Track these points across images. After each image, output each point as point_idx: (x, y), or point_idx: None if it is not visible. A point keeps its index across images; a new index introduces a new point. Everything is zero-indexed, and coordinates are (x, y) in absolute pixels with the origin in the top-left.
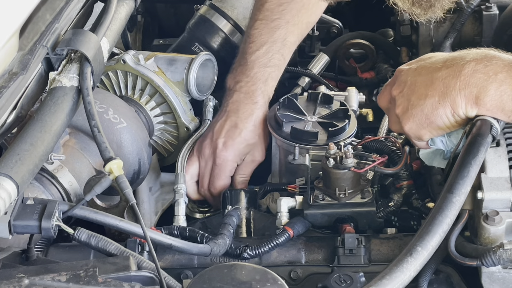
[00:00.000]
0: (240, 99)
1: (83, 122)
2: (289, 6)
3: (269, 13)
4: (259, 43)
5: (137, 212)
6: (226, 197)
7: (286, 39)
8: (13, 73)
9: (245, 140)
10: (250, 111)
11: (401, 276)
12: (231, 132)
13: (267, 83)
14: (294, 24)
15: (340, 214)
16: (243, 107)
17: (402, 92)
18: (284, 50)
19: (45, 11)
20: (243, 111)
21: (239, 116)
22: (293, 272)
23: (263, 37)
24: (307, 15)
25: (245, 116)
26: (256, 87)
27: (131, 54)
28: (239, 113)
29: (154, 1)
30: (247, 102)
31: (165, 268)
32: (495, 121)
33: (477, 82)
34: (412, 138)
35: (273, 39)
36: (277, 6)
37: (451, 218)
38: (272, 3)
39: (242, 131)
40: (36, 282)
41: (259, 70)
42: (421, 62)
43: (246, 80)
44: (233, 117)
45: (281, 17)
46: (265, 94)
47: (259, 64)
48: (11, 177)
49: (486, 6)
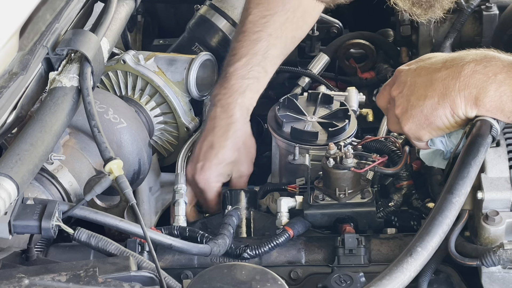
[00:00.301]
0: (217, 114)
1: (83, 122)
2: (272, 18)
3: (252, 25)
4: (240, 55)
5: (137, 212)
6: (226, 197)
7: (267, 52)
8: (13, 73)
9: (223, 160)
10: (226, 127)
11: (401, 276)
12: (208, 154)
13: (244, 94)
14: (276, 37)
15: (340, 214)
16: (219, 124)
17: (402, 93)
18: (265, 63)
19: (45, 11)
20: (218, 128)
21: (215, 135)
22: (293, 272)
23: (243, 49)
24: (291, 29)
25: (220, 133)
26: (233, 99)
27: (131, 54)
28: (215, 131)
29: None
30: (223, 117)
31: (165, 268)
32: (495, 121)
33: (477, 83)
34: (411, 138)
35: (254, 52)
36: (260, 18)
37: (451, 218)
38: (255, 15)
39: (218, 151)
40: (36, 282)
41: (237, 82)
42: (420, 63)
43: (223, 93)
44: (210, 137)
45: (263, 30)
46: (242, 106)
47: (237, 76)
48: (11, 177)
49: (486, 6)
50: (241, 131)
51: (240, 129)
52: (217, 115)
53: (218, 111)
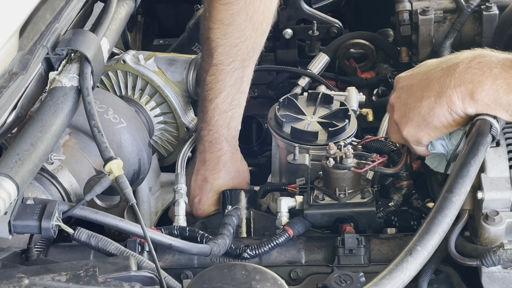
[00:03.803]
0: (205, 148)
1: (83, 122)
2: (244, 44)
3: (224, 57)
4: (217, 90)
5: (137, 212)
6: (226, 197)
7: (244, 76)
8: (13, 73)
9: (218, 190)
10: (216, 160)
11: (401, 276)
12: (203, 188)
13: (229, 126)
14: (250, 58)
15: (340, 214)
16: (209, 157)
17: (400, 98)
18: (243, 86)
19: (45, 11)
20: (209, 161)
21: (207, 168)
22: (293, 272)
23: (220, 84)
24: (261, 35)
25: (212, 166)
26: (219, 134)
27: (131, 54)
28: (206, 164)
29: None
30: (212, 151)
31: (165, 268)
32: (494, 120)
33: (472, 77)
34: (411, 143)
35: (232, 83)
36: (231, 48)
37: (450, 217)
38: (225, 46)
39: (212, 184)
40: (36, 282)
41: (220, 117)
42: (417, 69)
43: (208, 129)
44: (202, 170)
45: (236, 58)
46: (228, 137)
47: (219, 111)
48: (11, 177)
49: (486, 6)
50: (232, 161)
51: (230, 159)
52: (205, 149)
53: (206, 146)
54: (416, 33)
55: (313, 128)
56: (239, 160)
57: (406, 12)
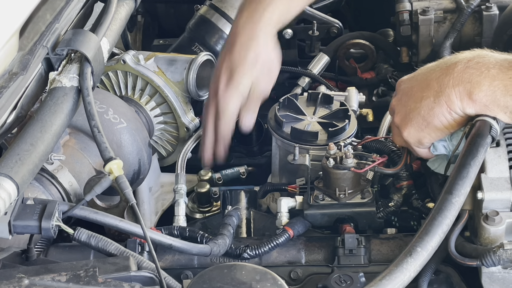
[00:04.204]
0: (239, 29)
1: (83, 122)
2: None
3: None
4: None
5: (137, 212)
6: (226, 197)
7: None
8: (13, 73)
9: (247, 84)
10: (250, 36)
11: (401, 276)
12: (229, 75)
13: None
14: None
15: (340, 214)
16: (240, 40)
17: (400, 100)
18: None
19: (45, 11)
20: (239, 46)
21: (238, 56)
22: (293, 272)
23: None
24: None
25: (243, 52)
26: (261, 7)
27: (131, 54)
28: (236, 50)
29: (154, 1)
30: (248, 27)
31: (165, 268)
32: (494, 121)
33: (470, 77)
34: (412, 144)
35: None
36: None
37: (450, 218)
38: None
39: (238, 75)
40: (36, 282)
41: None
42: (417, 71)
43: (250, 1)
44: (229, 55)
45: None
46: (268, 19)
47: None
48: (11, 177)
49: (486, 6)
50: (264, 38)
51: (263, 38)
52: (239, 30)
53: (242, 22)
54: (416, 33)
55: (313, 128)
56: (271, 49)
57: (406, 12)
